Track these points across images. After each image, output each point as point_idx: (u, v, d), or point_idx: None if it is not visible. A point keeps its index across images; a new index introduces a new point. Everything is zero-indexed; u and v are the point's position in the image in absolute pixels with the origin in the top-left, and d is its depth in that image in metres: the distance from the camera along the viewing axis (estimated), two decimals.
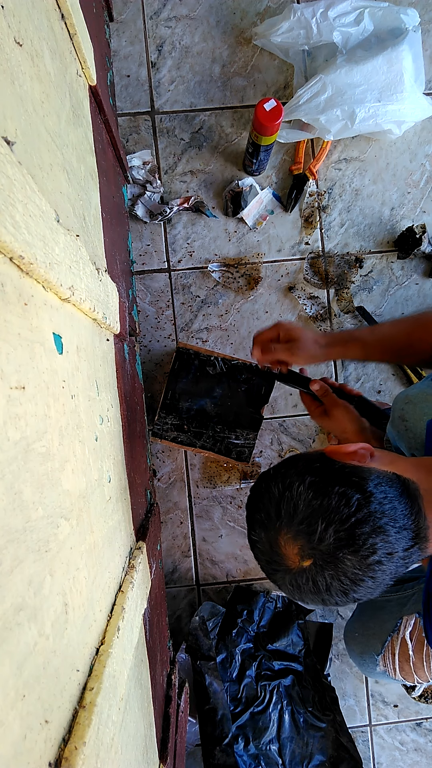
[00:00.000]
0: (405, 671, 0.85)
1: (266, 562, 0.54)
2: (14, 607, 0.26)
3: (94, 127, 0.67)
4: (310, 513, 0.49)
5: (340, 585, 0.49)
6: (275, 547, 0.52)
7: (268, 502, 0.53)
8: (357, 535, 0.48)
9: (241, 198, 1.13)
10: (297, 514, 0.50)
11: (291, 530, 0.50)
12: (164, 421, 1.04)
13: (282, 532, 0.51)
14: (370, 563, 0.48)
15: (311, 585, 0.50)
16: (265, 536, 0.53)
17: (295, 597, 0.53)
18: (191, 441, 1.04)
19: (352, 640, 0.95)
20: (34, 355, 0.32)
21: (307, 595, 0.51)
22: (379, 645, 0.88)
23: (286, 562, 0.51)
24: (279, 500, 0.52)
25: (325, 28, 1.08)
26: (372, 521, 0.49)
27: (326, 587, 0.50)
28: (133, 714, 0.55)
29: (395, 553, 0.49)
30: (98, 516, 0.47)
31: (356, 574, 0.49)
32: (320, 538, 0.48)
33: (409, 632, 0.84)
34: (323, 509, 0.49)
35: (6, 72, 0.33)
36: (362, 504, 0.49)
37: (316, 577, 0.49)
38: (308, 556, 0.49)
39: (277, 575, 0.53)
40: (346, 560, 0.48)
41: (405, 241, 1.15)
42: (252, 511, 0.56)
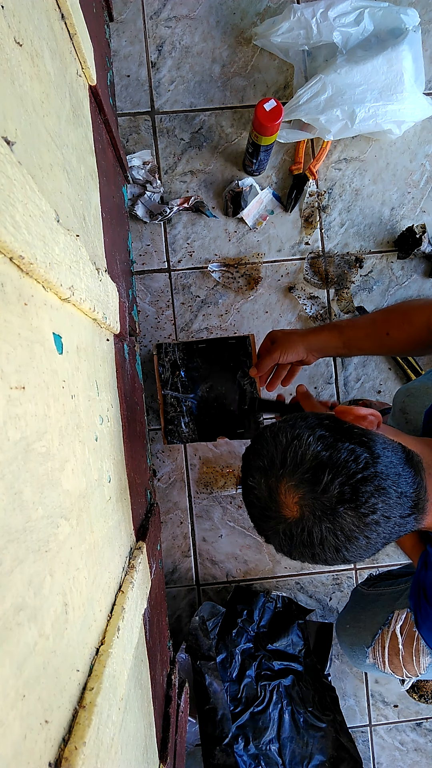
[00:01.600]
0: (394, 664, 0.85)
1: (261, 509, 0.54)
2: (14, 607, 0.26)
3: (94, 127, 0.67)
4: (318, 464, 0.49)
5: (335, 540, 0.49)
6: (274, 494, 0.52)
7: (274, 449, 0.53)
8: (361, 491, 0.48)
9: (241, 198, 1.13)
10: (303, 463, 0.50)
11: (294, 478, 0.50)
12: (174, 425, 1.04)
13: (284, 480, 0.51)
14: (367, 522, 0.49)
15: (305, 536, 0.50)
16: (264, 482, 0.53)
17: (283, 549, 0.53)
18: (205, 434, 1.05)
19: (344, 632, 0.96)
20: (34, 355, 0.32)
21: (299, 547, 0.51)
22: (369, 637, 0.88)
23: (282, 510, 0.51)
24: (286, 448, 0.52)
25: (325, 28, 1.08)
26: (377, 481, 0.49)
27: (320, 540, 0.50)
28: (133, 714, 0.55)
29: (392, 517, 0.50)
30: (98, 516, 0.47)
31: (352, 530, 0.49)
32: (324, 489, 0.48)
33: (399, 626, 0.85)
34: (331, 461, 0.49)
35: (6, 72, 0.33)
36: (369, 463, 0.49)
37: (312, 529, 0.49)
38: (308, 506, 0.49)
39: (270, 524, 0.53)
40: (346, 515, 0.48)
41: (405, 241, 1.15)
42: (252, 458, 0.56)
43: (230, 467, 1.18)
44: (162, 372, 1.05)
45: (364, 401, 1.14)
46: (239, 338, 1.04)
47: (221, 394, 1.05)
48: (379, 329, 0.79)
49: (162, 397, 1.05)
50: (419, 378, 0.83)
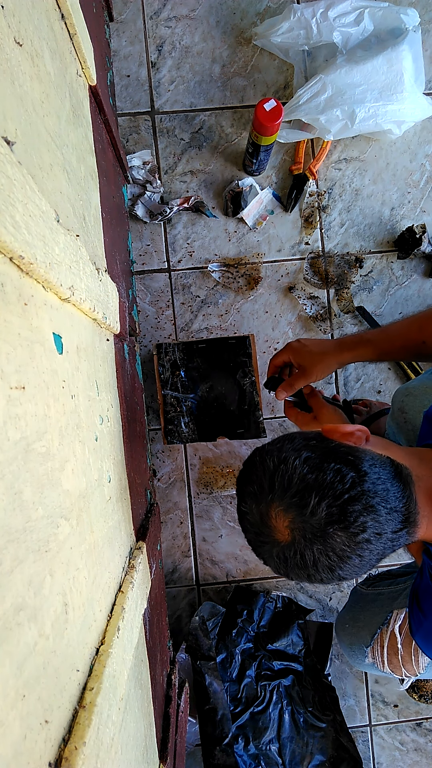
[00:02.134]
0: (393, 664, 0.85)
1: (255, 534, 0.54)
2: (14, 607, 0.26)
3: (94, 127, 0.67)
4: (304, 487, 0.50)
5: (328, 561, 0.50)
6: (265, 519, 0.52)
7: (262, 475, 0.53)
8: (349, 511, 0.48)
9: (241, 198, 1.13)
10: (291, 487, 0.50)
11: (283, 503, 0.51)
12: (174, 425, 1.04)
13: (274, 505, 0.51)
14: (358, 541, 0.49)
15: (299, 559, 0.50)
16: (255, 508, 0.53)
17: (280, 571, 0.54)
18: (205, 434, 1.05)
19: (343, 631, 0.96)
20: (34, 355, 0.32)
21: (294, 569, 0.52)
22: (368, 637, 0.88)
23: (275, 534, 0.51)
24: (273, 473, 0.52)
25: (325, 28, 1.08)
26: (364, 500, 0.49)
27: (313, 562, 0.50)
28: (133, 714, 0.55)
29: (384, 534, 0.50)
30: (98, 516, 0.47)
31: (344, 550, 0.49)
32: (312, 512, 0.49)
33: (398, 626, 0.85)
34: (317, 484, 0.49)
35: (6, 72, 0.33)
36: (356, 482, 0.49)
37: (304, 551, 0.50)
38: (298, 530, 0.50)
39: (265, 548, 0.53)
40: (336, 536, 0.49)
41: (405, 241, 1.15)
42: (244, 484, 0.56)
43: (230, 467, 1.18)
44: (162, 372, 1.05)
45: (363, 401, 1.14)
46: (239, 338, 1.04)
47: (221, 394, 1.05)
48: (415, 338, 0.77)
49: (162, 397, 1.05)
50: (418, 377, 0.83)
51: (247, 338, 1.04)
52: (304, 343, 0.84)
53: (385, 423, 1.04)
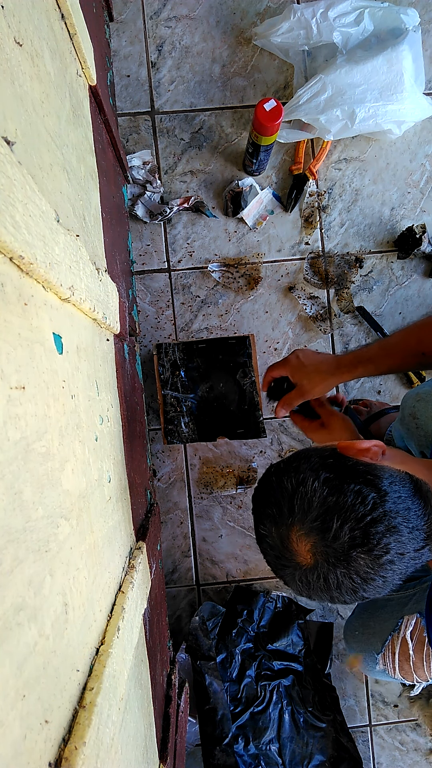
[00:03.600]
0: (405, 670, 0.85)
1: (275, 558, 0.53)
2: (14, 607, 0.26)
3: (94, 127, 0.67)
4: (325, 510, 0.49)
5: (351, 583, 0.49)
6: (286, 542, 0.51)
7: (281, 497, 0.52)
8: (371, 534, 0.47)
9: (241, 198, 1.13)
10: (311, 511, 0.49)
11: (304, 527, 0.49)
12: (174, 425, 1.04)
13: (294, 528, 0.50)
14: (382, 563, 0.48)
15: (322, 582, 0.50)
16: (275, 531, 0.52)
17: (302, 594, 0.53)
18: (205, 434, 1.05)
19: (352, 638, 0.95)
20: (34, 355, 0.32)
21: (317, 592, 0.51)
22: (379, 644, 0.88)
23: (296, 558, 0.51)
24: (292, 495, 0.51)
25: (325, 28, 1.07)
26: (387, 520, 0.48)
27: (337, 585, 0.49)
28: (133, 714, 0.55)
29: (407, 553, 0.49)
30: (98, 516, 0.47)
31: (368, 572, 0.48)
32: (335, 536, 0.48)
33: (410, 632, 0.84)
34: (338, 507, 0.48)
35: (6, 72, 0.33)
36: (377, 503, 0.48)
37: (327, 575, 0.49)
38: (321, 554, 0.49)
39: (286, 571, 0.52)
40: (359, 559, 0.48)
41: (405, 241, 1.15)
42: (261, 506, 0.55)
43: (230, 467, 1.18)
44: (162, 372, 1.05)
45: (364, 402, 1.14)
46: (239, 338, 1.04)
47: (221, 394, 1.05)
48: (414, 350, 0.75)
49: (162, 397, 1.05)
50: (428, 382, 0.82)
51: (247, 338, 1.04)
52: (303, 361, 0.82)
53: (385, 423, 1.04)
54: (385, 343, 0.78)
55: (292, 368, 0.82)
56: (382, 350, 0.78)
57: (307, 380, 0.80)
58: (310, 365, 0.81)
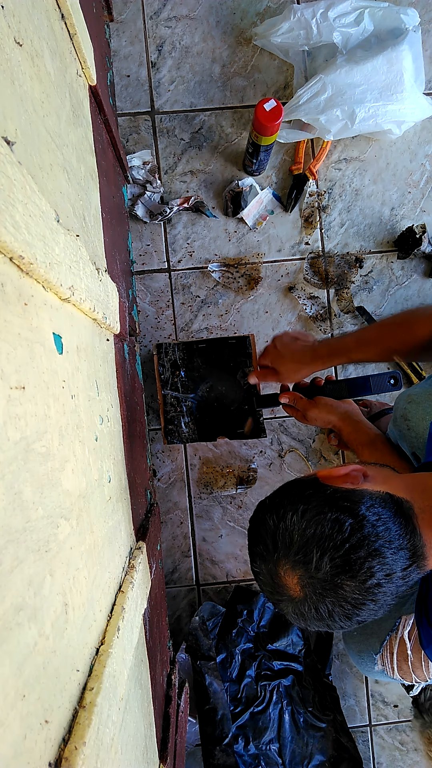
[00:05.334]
0: (403, 670, 0.85)
1: (270, 593, 0.55)
2: (14, 607, 0.26)
3: (94, 127, 0.67)
4: (305, 542, 0.50)
5: (342, 611, 0.49)
6: (276, 578, 0.52)
7: (265, 534, 0.53)
8: (353, 560, 0.48)
9: (241, 198, 1.13)
10: (293, 545, 0.51)
11: (288, 561, 0.51)
12: (174, 425, 1.04)
13: (281, 563, 0.51)
14: (369, 587, 0.48)
15: (314, 613, 0.50)
16: (265, 568, 0.53)
17: (300, 624, 0.54)
18: (205, 434, 1.05)
19: (351, 639, 0.95)
20: (34, 355, 0.32)
21: (312, 622, 0.52)
22: (377, 644, 0.88)
23: (287, 592, 0.52)
24: (274, 531, 0.52)
25: (325, 28, 1.07)
26: (367, 545, 0.48)
27: (329, 614, 0.50)
28: (133, 714, 0.55)
29: (393, 574, 0.49)
30: (98, 516, 0.47)
31: (356, 599, 0.49)
32: (317, 567, 0.49)
33: (407, 632, 0.84)
34: (317, 537, 0.49)
35: (6, 72, 0.33)
36: (355, 528, 0.49)
37: (318, 605, 0.50)
38: (308, 585, 0.50)
39: (282, 604, 0.54)
40: (345, 586, 0.48)
41: (405, 241, 1.15)
42: (252, 544, 0.56)
43: (230, 467, 1.18)
44: (162, 372, 1.05)
45: (364, 402, 1.14)
46: (239, 338, 1.04)
47: (221, 394, 1.05)
48: (387, 344, 0.78)
49: (162, 397, 1.05)
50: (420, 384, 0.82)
51: (247, 338, 1.04)
52: (281, 350, 0.89)
53: (385, 423, 1.04)
54: (360, 336, 0.83)
55: (272, 356, 0.91)
56: (356, 344, 0.82)
57: (284, 368, 0.89)
58: (287, 354, 0.88)
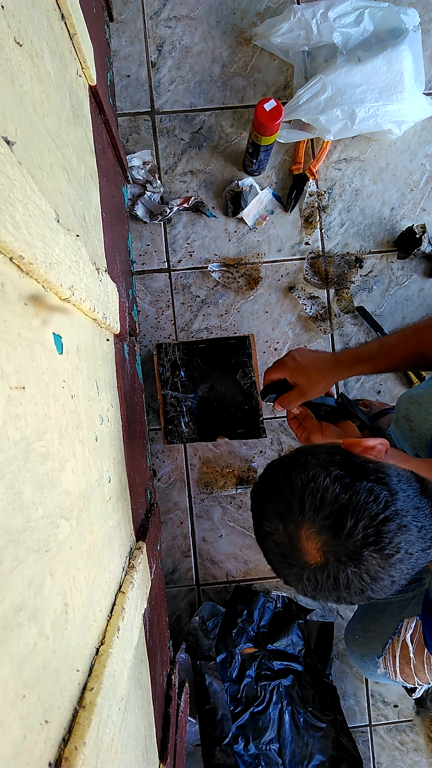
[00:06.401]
0: (405, 673, 0.85)
1: (281, 556, 0.51)
2: (14, 607, 0.26)
3: (94, 127, 0.67)
4: (338, 508, 0.47)
5: (360, 582, 0.48)
6: (295, 540, 0.49)
7: (289, 493, 0.50)
8: (384, 532, 0.47)
9: (241, 198, 1.13)
10: (323, 508, 0.48)
11: (315, 524, 0.48)
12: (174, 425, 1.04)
13: (305, 525, 0.49)
14: (393, 562, 0.47)
15: (331, 582, 0.48)
16: (283, 529, 0.50)
17: (307, 594, 0.51)
18: (205, 434, 1.05)
19: (353, 642, 0.95)
20: (34, 355, 0.32)
21: (324, 592, 0.50)
22: (380, 647, 0.88)
23: (304, 557, 0.49)
24: (303, 491, 0.49)
25: (325, 28, 1.07)
26: (398, 519, 0.47)
27: (347, 584, 0.48)
28: (133, 714, 0.55)
29: (414, 552, 0.49)
30: (98, 516, 0.47)
31: (378, 572, 0.47)
32: (348, 534, 0.47)
33: (410, 635, 0.84)
34: (352, 505, 0.47)
35: (6, 72, 0.33)
36: (389, 501, 0.48)
37: (338, 574, 0.48)
38: (332, 552, 0.48)
39: (292, 570, 0.51)
40: (371, 558, 0.47)
41: (405, 241, 1.15)
42: (265, 501, 0.53)
43: (230, 467, 1.18)
44: (162, 372, 1.05)
45: (364, 401, 1.14)
46: (239, 338, 1.04)
47: (221, 394, 1.05)
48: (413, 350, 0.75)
49: (162, 397, 1.05)
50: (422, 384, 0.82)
51: (247, 338, 1.04)
52: (300, 361, 0.79)
53: (385, 423, 1.04)
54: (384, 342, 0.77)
55: (290, 369, 0.80)
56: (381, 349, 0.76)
57: (307, 380, 0.78)
58: (308, 364, 0.79)
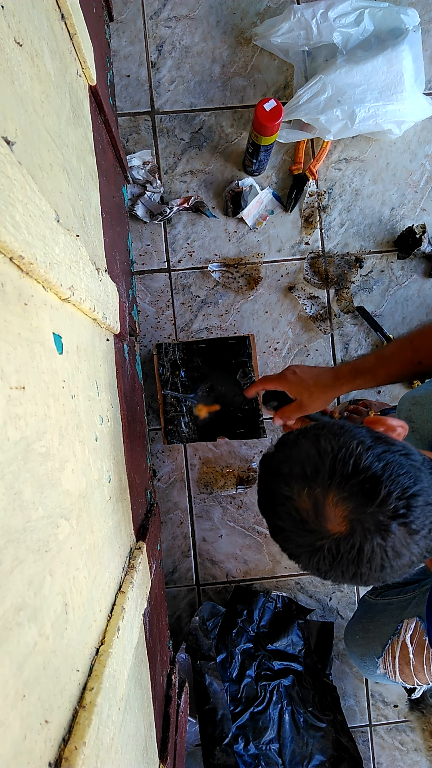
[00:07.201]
0: (405, 674, 0.85)
1: (300, 522, 0.49)
2: (14, 607, 0.26)
3: (94, 127, 0.67)
4: (371, 476, 0.46)
5: (383, 557, 0.46)
6: (320, 506, 0.47)
7: (318, 457, 0.48)
8: (413, 506, 0.46)
9: (241, 198, 1.13)
10: (355, 475, 0.46)
11: (345, 490, 0.46)
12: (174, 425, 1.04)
13: (332, 492, 0.47)
14: (417, 539, 0.47)
15: (354, 554, 0.47)
16: (308, 493, 0.48)
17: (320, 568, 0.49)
18: (205, 434, 1.05)
19: (353, 643, 0.95)
20: (34, 355, 0.32)
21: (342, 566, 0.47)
22: (379, 648, 0.88)
23: (327, 525, 0.47)
24: (335, 456, 0.48)
25: (325, 28, 1.07)
26: (425, 496, 0.47)
27: (369, 557, 0.46)
28: (133, 714, 0.55)
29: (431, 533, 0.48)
30: (98, 516, 0.47)
31: (401, 547, 0.46)
32: (381, 503, 0.45)
33: (409, 635, 0.84)
34: (385, 475, 0.46)
35: (6, 72, 0.33)
36: (418, 478, 0.47)
37: (363, 544, 0.46)
38: (358, 521, 0.46)
39: (308, 539, 0.48)
40: (397, 531, 0.46)
41: (405, 241, 1.15)
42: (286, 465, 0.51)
43: (230, 467, 1.18)
44: (162, 372, 1.05)
45: (364, 401, 1.14)
46: (239, 338, 1.04)
47: (221, 394, 1.05)
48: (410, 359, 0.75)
49: (162, 397, 1.05)
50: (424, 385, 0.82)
51: (247, 338, 1.04)
52: (300, 375, 0.80)
53: None
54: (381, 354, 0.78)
55: (290, 383, 0.80)
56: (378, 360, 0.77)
57: (308, 394, 0.79)
58: (308, 379, 0.80)
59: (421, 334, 0.75)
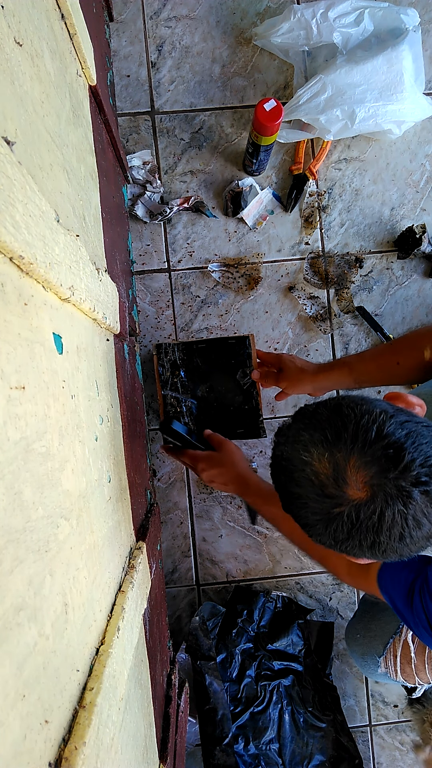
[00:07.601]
0: (406, 673, 0.85)
1: (318, 487, 0.48)
2: (14, 607, 0.26)
3: (94, 127, 0.67)
4: (394, 441, 0.46)
5: (403, 524, 0.46)
6: (341, 471, 0.47)
7: (340, 422, 0.48)
8: None
9: (241, 198, 1.13)
10: (379, 440, 0.46)
11: (367, 455, 0.46)
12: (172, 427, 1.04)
13: (354, 457, 0.46)
14: None
15: (375, 520, 0.46)
16: (329, 457, 0.47)
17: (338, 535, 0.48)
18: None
19: (354, 642, 0.95)
20: (34, 355, 0.32)
21: (360, 533, 0.47)
22: (381, 647, 0.88)
23: (347, 490, 0.47)
24: (357, 422, 0.47)
25: (325, 28, 1.07)
26: None
27: (390, 525, 0.46)
28: (133, 714, 0.55)
29: None
30: (98, 516, 0.47)
31: (421, 516, 0.46)
32: (404, 469, 0.45)
33: (411, 634, 0.85)
34: (409, 442, 0.46)
35: (6, 72, 0.33)
36: None
37: (384, 510, 0.45)
38: (380, 486, 0.45)
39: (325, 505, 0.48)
40: (419, 498, 0.45)
41: (405, 241, 1.15)
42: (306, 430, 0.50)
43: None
44: (162, 372, 1.05)
45: None
46: (239, 338, 1.04)
47: (221, 394, 1.05)
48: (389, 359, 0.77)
49: (162, 397, 1.05)
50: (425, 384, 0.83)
51: (247, 338, 1.04)
52: (293, 358, 0.94)
53: None
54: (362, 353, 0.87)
55: (284, 361, 0.94)
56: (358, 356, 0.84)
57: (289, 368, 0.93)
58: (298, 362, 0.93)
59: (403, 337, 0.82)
